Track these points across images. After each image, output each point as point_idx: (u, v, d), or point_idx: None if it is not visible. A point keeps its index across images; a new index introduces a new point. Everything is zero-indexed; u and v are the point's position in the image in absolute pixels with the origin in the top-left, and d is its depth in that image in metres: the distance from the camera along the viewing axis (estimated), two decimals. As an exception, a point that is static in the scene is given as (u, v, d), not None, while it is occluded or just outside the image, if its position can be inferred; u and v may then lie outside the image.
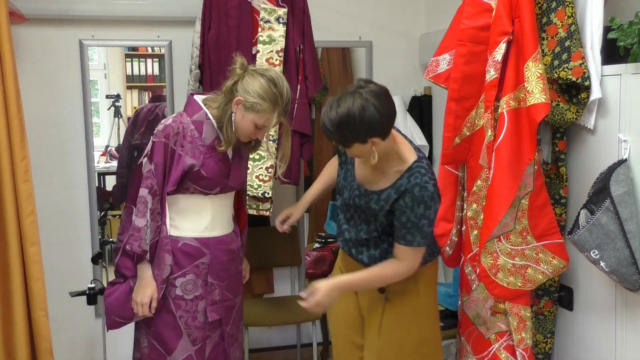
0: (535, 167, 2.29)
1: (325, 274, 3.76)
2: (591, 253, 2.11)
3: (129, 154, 3.75)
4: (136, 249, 2.31)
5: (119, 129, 3.80)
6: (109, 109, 3.80)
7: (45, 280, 3.11)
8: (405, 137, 2.28)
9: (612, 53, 2.25)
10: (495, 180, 2.24)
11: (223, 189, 2.42)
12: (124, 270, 2.41)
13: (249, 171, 3.08)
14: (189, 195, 2.39)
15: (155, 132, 2.35)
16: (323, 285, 2.18)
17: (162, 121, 2.37)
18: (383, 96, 2.06)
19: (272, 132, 3.16)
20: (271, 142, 3.16)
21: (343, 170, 2.37)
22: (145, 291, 2.34)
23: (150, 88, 3.90)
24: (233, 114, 2.31)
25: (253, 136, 2.36)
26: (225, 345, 2.51)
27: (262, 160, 3.19)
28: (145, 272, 2.36)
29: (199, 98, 2.43)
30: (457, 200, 2.60)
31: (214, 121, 2.37)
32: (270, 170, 3.21)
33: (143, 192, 2.30)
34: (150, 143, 2.35)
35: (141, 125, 3.77)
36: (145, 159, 2.34)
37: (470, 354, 2.55)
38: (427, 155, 3.86)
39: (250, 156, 3.08)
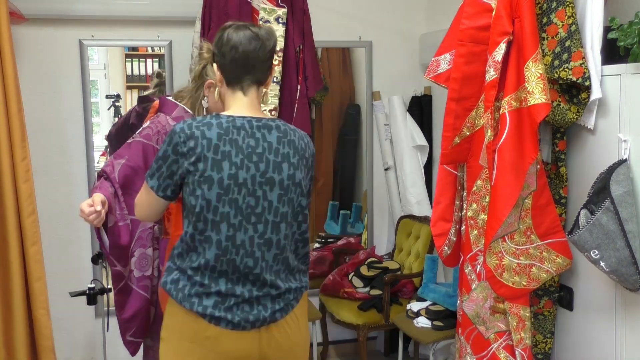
0: (538, 166, 2.29)
1: (325, 274, 3.75)
2: (591, 253, 2.11)
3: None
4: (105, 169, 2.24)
5: (119, 128, 3.81)
6: (109, 109, 3.80)
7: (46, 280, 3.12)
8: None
9: (612, 53, 2.25)
10: (498, 181, 2.24)
11: None
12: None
13: None
14: None
15: (132, 136, 2.34)
16: None
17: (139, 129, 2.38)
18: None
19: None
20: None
21: None
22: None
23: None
24: (205, 98, 2.34)
25: None
26: None
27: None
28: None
29: (169, 98, 2.46)
30: (455, 200, 2.60)
31: (191, 112, 2.40)
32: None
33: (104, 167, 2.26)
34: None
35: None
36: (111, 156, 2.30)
37: (469, 353, 2.55)
38: (427, 155, 3.88)
39: None
